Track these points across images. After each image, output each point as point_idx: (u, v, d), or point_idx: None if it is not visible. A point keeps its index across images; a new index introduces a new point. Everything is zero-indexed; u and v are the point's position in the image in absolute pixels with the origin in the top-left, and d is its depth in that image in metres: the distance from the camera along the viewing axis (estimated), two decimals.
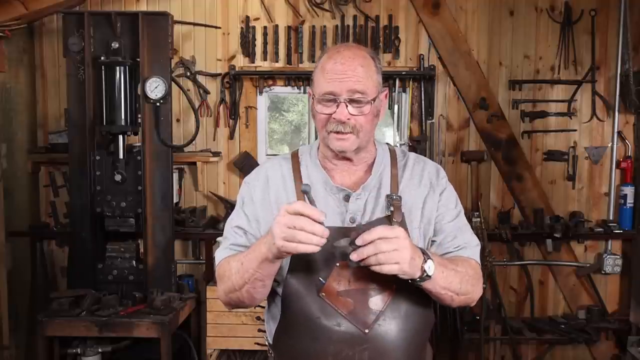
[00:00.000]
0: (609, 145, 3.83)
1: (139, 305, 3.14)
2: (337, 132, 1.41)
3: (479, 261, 1.50)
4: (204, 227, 3.66)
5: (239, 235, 1.50)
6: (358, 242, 1.25)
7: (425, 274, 1.30)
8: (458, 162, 3.86)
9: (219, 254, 1.50)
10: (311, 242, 1.21)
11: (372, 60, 1.45)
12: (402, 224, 1.41)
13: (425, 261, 1.31)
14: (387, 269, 1.25)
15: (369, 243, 1.24)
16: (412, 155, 1.59)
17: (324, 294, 1.40)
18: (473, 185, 3.83)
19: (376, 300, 1.40)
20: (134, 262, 3.27)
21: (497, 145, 3.78)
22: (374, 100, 1.42)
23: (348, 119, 1.40)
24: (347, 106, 1.39)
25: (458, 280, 1.39)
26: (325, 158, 1.51)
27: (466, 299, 1.45)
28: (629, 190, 3.76)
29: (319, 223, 1.22)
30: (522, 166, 3.80)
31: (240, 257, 1.40)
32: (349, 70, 1.39)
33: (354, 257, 1.25)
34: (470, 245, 1.50)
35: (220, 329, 3.41)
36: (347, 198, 1.46)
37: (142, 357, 3.26)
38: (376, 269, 1.26)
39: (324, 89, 1.41)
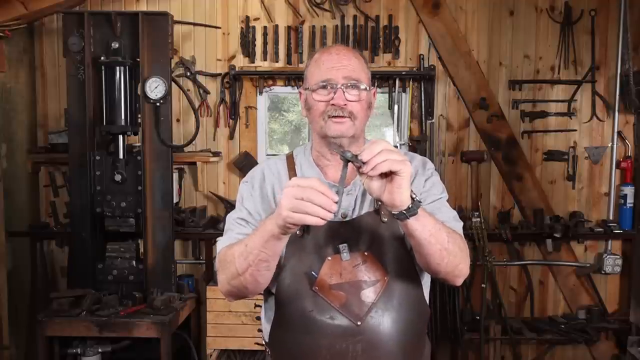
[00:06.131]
0: (609, 145, 3.83)
1: (139, 305, 3.14)
2: (335, 117, 1.44)
3: (462, 235, 1.46)
4: (204, 227, 3.66)
5: (243, 225, 1.50)
6: (364, 156, 1.21)
7: (413, 205, 1.25)
8: (458, 162, 3.86)
9: (222, 243, 1.50)
10: (318, 214, 1.17)
11: (363, 58, 1.53)
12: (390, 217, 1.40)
13: (412, 191, 1.28)
14: (398, 165, 1.21)
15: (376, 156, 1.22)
16: (401, 150, 1.62)
17: (316, 287, 1.41)
18: (473, 185, 3.83)
19: (368, 293, 1.41)
20: (134, 262, 3.27)
21: (497, 145, 3.78)
22: (367, 89, 1.48)
23: (345, 104, 1.44)
24: (344, 92, 1.44)
25: (445, 233, 1.34)
26: (319, 155, 1.54)
27: (455, 265, 1.38)
28: (629, 190, 3.76)
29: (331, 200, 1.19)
30: (522, 166, 3.80)
31: (244, 240, 1.38)
32: (344, 60, 1.47)
33: (367, 169, 1.21)
34: (451, 221, 1.47)
35: (220, 329, 3.42)
36: (341, 195, 1.47)
37: (142, 357, 3.27)
38: (394, 167, 1.21)
39: (321, 77, 1.46)
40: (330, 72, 1.45)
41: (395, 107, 3.78)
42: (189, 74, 3.75)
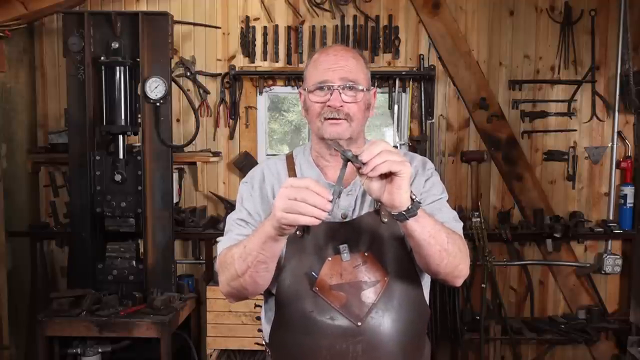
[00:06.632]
0: (609, 145, 3.83)
1: (139, 305, 3.14)
2: (331, 119, 1.44)
3: (462, 235, 1.46)
4: (204, 227, 3.66)
5: (242, 226, 1.51)
6: (364, 157, 1.21)
7: (413, 206, 1.25)
8: (458, 162, 3.86)
9: (222, 245, 1.50)
10: (312, 214, 1.17)
11: (362, 58, 1.53)
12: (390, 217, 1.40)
13: (412, 192, 1.27)
14: (397, 167, 1.20)
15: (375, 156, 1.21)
16: (401, 150, 1.62)
17: (317, 288, 1.41)
18: (473, 185, 3.83)
19: (368, 293, 1.41)
20: (134, 262, 3.26)
21: (497, 145, 3.78)
22: (365, 90, 1.47)
23: (341, 105, 1.44)
24: (340, 93, 1.44)
25: (445, 234, 1.34)
26: (319, 156, 1.54)
27: (454, 266, 1.38)
28: (629, 190, 3.76)
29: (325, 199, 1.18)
30: (522, 166, 3.80)
31: (243, 241, 1.38)
32: (341, 61, 1.46)
33: (366, 169, 1.20)
34: (451, 221, 1.47)
35: (220, 329, 3.41)
36: (338, 194, 1.47)
37: (142, 357, 3.27)
38: (393, 168, 1.21)
39: (317, 78, 1.46)
40: (326, 73, 1.45)
41: (395, 107, 3.78)
42: (189, 74, 3.75)
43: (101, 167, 3.21)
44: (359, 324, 1.39)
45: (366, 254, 1.43)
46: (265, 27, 3.76)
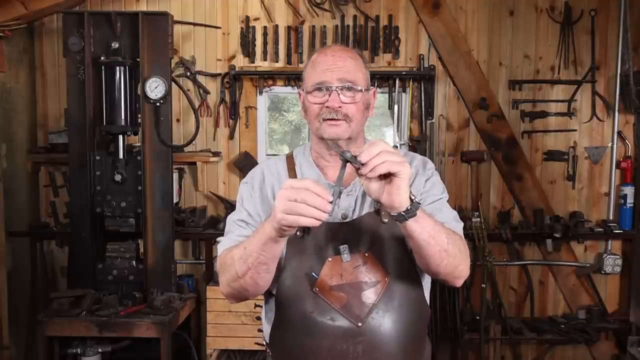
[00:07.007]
0: (609, 145, 3.83)
1: (139, 305, 3.14)
2: (330, 119, 1.44)
3: (462, 235, 1.45)
4: (204, 227, 3.66)
5: (242, 227, 1.51)
6: (363, 157, 1.20)
7: (412, 206, 1.24)
8: (458, 162, 3.86)
9: (222, 245, 1.50)
10: (312, 215, 1.17)
11: (360, 58, 1.52)
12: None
13: (412, 192, 1.27)
14: (397, 167, 1.20)
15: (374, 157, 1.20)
16: (401, 151, 1.63)
17: (317, 289, 1.41)
18: (473, 185, 3.83)
19: (369, 294, 1.41)
20: (134, 262, 3.26)
21: (497, 145, 3.78)
22: (364, 90, 1.47)
23: (340, 106, 1.44)
24: (338, 94, 1.44)
25: (445, 235, 1.33)
26: (319, 156, 1.54)
27: (455, 266, 1.37)
28: (629, 190, 3.76)
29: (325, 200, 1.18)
30: (522, 166, 3.80)
31: (244, 243, 1.38)
32: (339, 61, 1.46)
33: (365, 170, 1.20)
34: (451, 221, 1.47)
35: (220, 329, 3.42)
36: (338, 195, 1.47)
37: (142, 357, 3.27)
38: (392, 169, 1.20)
39: (315, 79, 1.46)
40: (324, 74, 1.45)
41: (395, 107, 3.78)
42: (189, 74, 3.75)
43: (101, 167, 3.21)
44: (360, 324, 1.39)
45: (366, 254, 1.43)
46: (265, 27, 3.76)
